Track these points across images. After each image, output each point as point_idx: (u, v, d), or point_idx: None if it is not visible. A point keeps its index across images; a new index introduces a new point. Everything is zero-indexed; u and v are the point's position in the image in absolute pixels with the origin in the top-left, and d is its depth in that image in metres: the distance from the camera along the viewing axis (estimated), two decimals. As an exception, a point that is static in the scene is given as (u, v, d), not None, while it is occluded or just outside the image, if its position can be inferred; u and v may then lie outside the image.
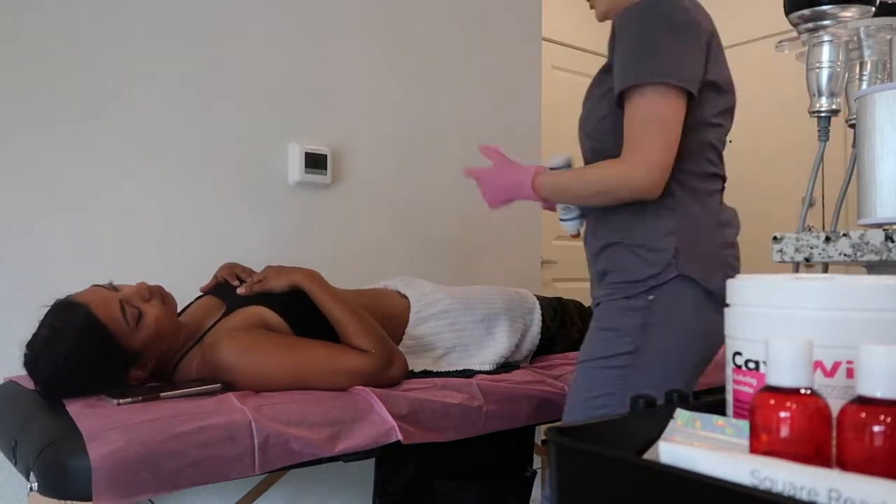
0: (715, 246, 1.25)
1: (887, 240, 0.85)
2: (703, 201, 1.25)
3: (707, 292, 1.21)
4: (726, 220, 1.29)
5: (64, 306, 1.26)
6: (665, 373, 1.20)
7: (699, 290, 1.20)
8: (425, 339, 1.56)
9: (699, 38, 1.19)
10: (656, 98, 1.15)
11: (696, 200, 1.24)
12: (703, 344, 1.22)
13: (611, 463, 0.49)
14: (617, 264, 1.26)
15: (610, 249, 1.28)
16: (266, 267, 1.50)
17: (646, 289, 1.22)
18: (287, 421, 1.14)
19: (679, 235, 1.21)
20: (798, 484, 0.42)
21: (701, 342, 1.22)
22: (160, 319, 1.31)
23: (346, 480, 2.05)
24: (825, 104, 1.34)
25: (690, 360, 1.22)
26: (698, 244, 1.23)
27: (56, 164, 1.72)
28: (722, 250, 1.25)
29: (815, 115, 1.35)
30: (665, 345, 1.21)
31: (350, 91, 2.21)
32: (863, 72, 1.37)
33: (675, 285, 1.21)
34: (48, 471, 0.99)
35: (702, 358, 1.24)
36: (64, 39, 1.74)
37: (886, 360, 0.45)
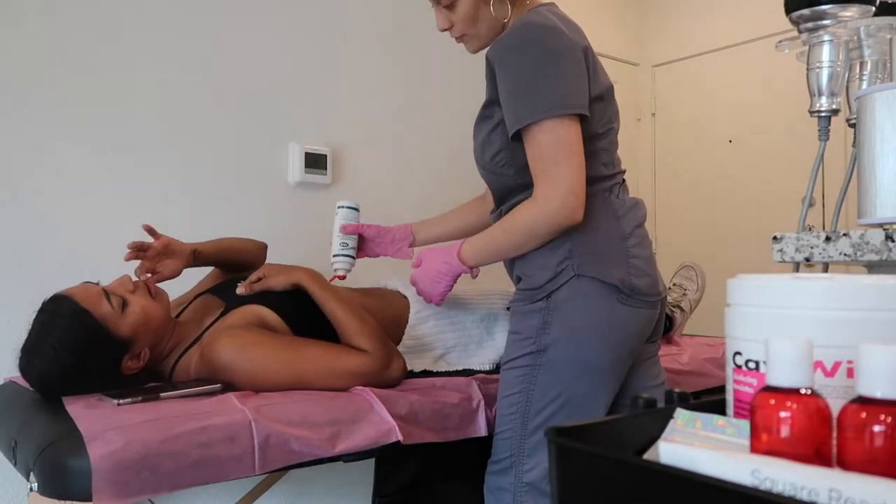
0: (611, 240, 1.26)
1: (887, 239, 0.85)
2: (595, 201, 1.25)
3: (610, 286, 1.22)
4: (623, 213, 1.29)
5: (49, 301, 1.28)
6: (573, 370, 1.23)
7: (600, 286, 1.23)
8: (425, 339, 1.56)
9: (577, 58, 1.21)
10: (553, 127, 1.17)
11: (589, 202, 1.23)
12: (611, 338, 1.24)
13: (611, 463, 0.49)
14: (523, 272, 1.30)
15: (518, 259, 1.32)
16: (265, 265, 1.50)
17: (545, 293, 1.25)
18: (287, 421, 1.14)
19: (571, 237, 1.24)
20: (798, 484, 0.42)
21: (608, 337, 1.23)
22: (147, 308, 1.32)
23: (346, 480, 2.05)
24: (825, 104, 1.34)
25: (599, 356, 1.24)
26: (593, 242, 1.24)
27: (56, 165, 1.72)
28: (620, 242, 1.26)
29: (815, 114, 1.35)
30: (566, 342, 1.23)
31: (350, 91, 2.21)
32: (863, 71, 1.36)
33: (573, 284, 1.23)
34: (48, 471, 0.99)
35: (615, 352, 1.25)
36: (64, 40, 1.74)
37: (886, 360, 0.45)
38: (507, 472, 1.27)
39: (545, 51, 1.18)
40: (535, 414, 1.25)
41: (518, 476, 1.26)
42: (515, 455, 1.26)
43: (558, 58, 1.18)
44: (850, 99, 1.39)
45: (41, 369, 1.23)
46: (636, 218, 1.31)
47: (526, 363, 1.26)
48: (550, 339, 1.24)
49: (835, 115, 1.35)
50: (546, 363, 1.24)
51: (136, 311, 1.30)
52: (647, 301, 1.26)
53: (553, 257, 1.25)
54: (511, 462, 1.27)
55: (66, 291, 1.29)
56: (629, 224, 1.29)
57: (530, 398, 1.26)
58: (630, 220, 1.29)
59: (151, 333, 1.33)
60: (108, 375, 1.28)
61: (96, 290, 1.29)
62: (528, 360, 1.26)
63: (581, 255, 1.23)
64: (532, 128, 1.18)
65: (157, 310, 1.34)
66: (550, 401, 1.24)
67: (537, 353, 1.25)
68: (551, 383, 1.24)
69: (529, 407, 1.26)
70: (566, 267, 1.24)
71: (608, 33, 3.55)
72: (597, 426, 0.57)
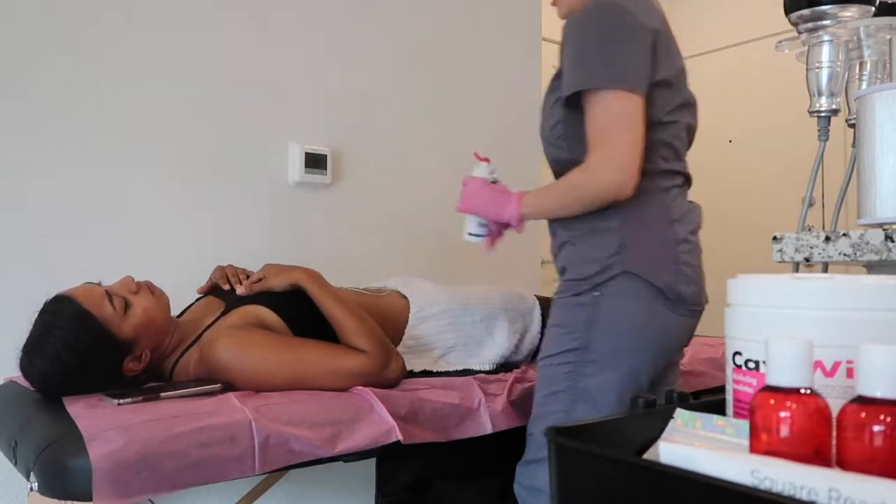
0: (663, 242, 1.23)
1: (887, 240, 0.85)
2: (651, 198, 1.24)
3: (656, 289, 1.20)
4: (679, 216, 1.27)
5: (52, 301, 1.28)
6: (615, 373, 1.20)
7: (647, 287, 1.20)
8: (425, 339, 1.56)
9: (643, 38, 1.19)
10: (611, 99, 1.16)
11: (645, 198, 1.22)
12: (654, 343, 1.22)
13: (611, 463, 0.49)
14: (569, 262, 1.28)
15: (564, 248, 1.30)
16: (265, 265, 1.50)
17: (591, 286, 1.23)
18: (287, 421, 1.14)
19: (623, 233, 1.22)
20: (798, 484, 0.42)
21: (652, 341, 1.22)
22: (149, 309, 1.31)
23: (346, 480, 2.05)
24: (825, 104, 1.34)
25: (642, 361, 1.22)
26: (644, 241, 1.22)
27: (56, 165, 1.72)
28: (672, 247, 1.24)
29: (814, 114, 1.36)
30: (611, 343, 1.21)
31: (350, 91, 2.21)
32: (863, 72, 1.37)
33: (620, 282, 1.21)
34: (48, 471, 0.99)
35: (656, 358, 1.23)
36: (65, 40, 1.74)
37: (886, 360, 0.45)
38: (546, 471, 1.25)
39: (609, 26, 1.17)
40: (580, 414, 1.22)
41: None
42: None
43: (621, 34, 1.17)
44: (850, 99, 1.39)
45: (42, 369, 1.23)
46: (691, 223, 1.29)
47: (570, 359, 1.23)
48: (596, 335, 1.22)
49: (834, 115, 1.35)
50: (590, 360, 1.22)
51: (139, 313, 1.30)
52: (691, 310, 1.25)
53: (603, 250, 1.23)
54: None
55: (68, 292, 1.29)
56: (683, 229, 1.26)
57: (576, 396, 1.23)
58: (684, 226, 1.27)
59: (153, 335, 1.33)
60: (110, 377, 1.28)
61: (99, 292, 1.29)
62: (572, 356, 1.23)
63: (631, 252, 1.21)
64: (589, 97, 1.17)
65: (159, 311, 1.34)
66: (594, 401, 1.22)
67: (583, 349, 1.22)
68: (596, 384, 1.21)
69: (575, 406, 1.23)
70: (615, 262, 1.21)
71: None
72: (597, 426, 0.57)
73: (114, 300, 1.28)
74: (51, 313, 1.26)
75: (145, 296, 1.33)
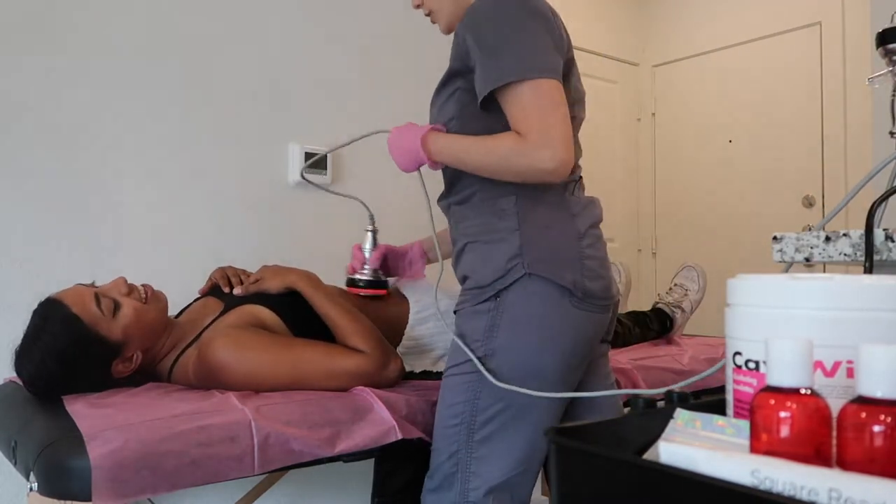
0: (565, 239, 1.19)
1: (887, 240, 0.85)
2: (548, 196, 1.20)
3: (562, 288, 1.15)
4: (578, 210, 1.22)
5: (42, 304, 1.29)
6: (521, 378, 1.14)
7: (552, 287, 1.15)
8: (425, 340, 1.56)
9: (551, 26, 1.16)
10: (536, 85, 1.10)
11: (540, 196, 1.19)
12: (562, 342, 1.16)
13: (611, 463, 0.49)
14: (469, 269, 1.23)
15: (464, 254, 1.25)
16: (262, 267, 1.50)
17: (493, 293, 1.17)
18: (287, 421, 1.14)
19: (522, 232, 1.17)
20: (798, 484, 0.42)
21: (559, 340, 1.16)
22: (139, 311, 1.31)
23: (346, 480, 2.05)
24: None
25: (550, 363, 1.16)
26: (546, 240, 1.17)
27: (57, 165, 1.72)
28: (574, 242, 1.19)
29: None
30: (515, 346, 1.15)
31: (350, 91, 2.21)
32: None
33: (523, 284, 1.16)
34: (48, 471, 0.99)
35: (567, 360, 1.18)
36: (65, 39, 1.74)
37: (886, 359, 0.45)
38: (449, 490, 1.18)
39: (525, 12, 1.13)
40: (481, 425, 1.17)
41: (463, 494, 1.17)
42: (460, 471, 1.17)
43: (537, 20, 1.14)
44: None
45: (30, 372, 1.25)
46: (591, 217, 1.24)
47: (471, 369, 1.17)
48: (498, 343, 1.16)
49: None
50: (493, 370, 1.15)
51: (128, 314, 1.30)
52: (600, 305, 1.20)
53: (502, 253, 1.17)
54: (455, 479, 1.18)
55: (58, 295, 1.29)
56: (584, 223, 1.21)
57: (476, 408, 1.18)
58: (585, 219, 1.22)
59: (143, 337, 1.33)
60: (98, 379, 1.29)
61: (88, 294, 1.29)
62: (473, 365, 1.16)
63: (532, 253, 1.16)
64: (515, 87, 1.11)
65: (149, 312, 1.33)
66: (498, 411, 1.17)
67: (485, 358, 1.16)
68: (498, 392, 1.15)
69: (475, 418, 1.17)
70: (516, 265, 1.16)
71: (608, 33, 3.55)
72: (597, 426, 0.57)
73: (102, 302, 1.27)
74: (40, 317, 1.27)
75: (137, 298, 1.33)
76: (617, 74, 3.61)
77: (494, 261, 1.18)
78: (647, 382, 1.62)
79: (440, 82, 1.29)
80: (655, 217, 3.67)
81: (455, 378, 1.21)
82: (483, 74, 1.14)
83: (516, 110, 1.12)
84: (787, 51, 3.14)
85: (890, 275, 0.60)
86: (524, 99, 1.11)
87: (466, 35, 1.17)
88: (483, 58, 1.14)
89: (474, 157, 1.16)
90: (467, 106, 1.21)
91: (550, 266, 1.16)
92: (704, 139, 3.49)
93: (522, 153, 1.10)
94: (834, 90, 3.01)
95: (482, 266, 1.20)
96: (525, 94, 1.10)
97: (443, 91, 1.27)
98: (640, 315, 1.99)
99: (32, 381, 1.26)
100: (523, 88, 1.10)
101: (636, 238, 3.67)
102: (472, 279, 1.22)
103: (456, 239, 1.29)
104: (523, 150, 1.09)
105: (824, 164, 3.04)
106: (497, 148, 1.13)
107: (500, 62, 1.12)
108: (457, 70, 1.22)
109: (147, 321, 1.33)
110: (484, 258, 1.20)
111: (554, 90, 1.11)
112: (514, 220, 1.18)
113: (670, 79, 3.66)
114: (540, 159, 1.08)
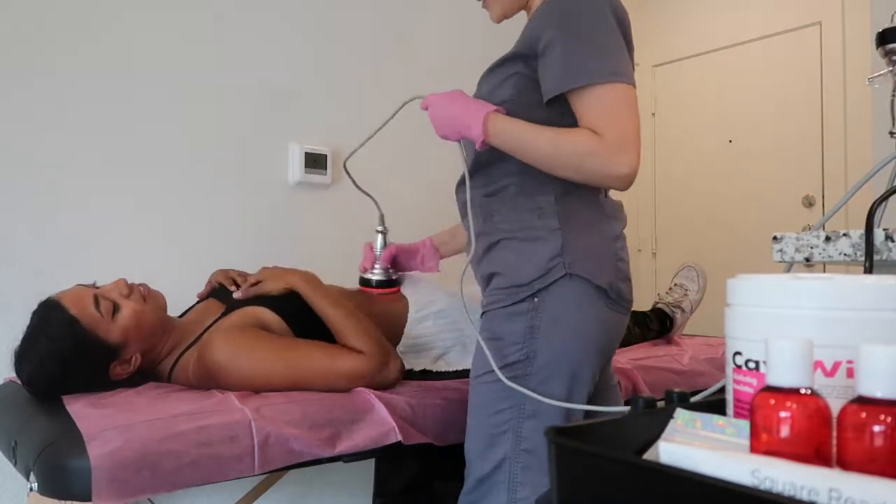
0: (602, 240, 1.19)
1: (887, 240, 0.85)
2: (586, 195, 1.19)
3: (598, 289, 1.15)
4: (612, 212, 1.23)
5: (42, 305, 1.29)
6: (565, 378, 1.14)
7: (589, 288, 1.15)
8: (424, 339, 1.56)
9: (629, 30, 1.16)
10: (622, 91, 1.10)
11: (580, 195, 1.18)
12: (598, 344, 1.17)
13: (611, 463, 0.49)
14: (503, 267, 1.20)
15: (494, 252, 1.22)
16: (261, 269, 1.50)
17: (531, 292, 1.15)
18: (287, 421, 1.14)
19: (563, 231, 1.16)
20: (798, 484, 0.42)
21: (596, 343, 1.16)
22: (139, 313, 1.31)
23: (346, 480, 2.05)
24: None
25: (587, 364, 1.16)
26: (585, 240, 1.17)
27: (57, 165, 1.72)
28: (610, 244, 1.20)
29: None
30: (556, 350, 1.14)
31: (350, 91, 2.21)
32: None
33: (563, 285, 1.15)
34: (48, 471, 0.99)
35: (600, 359, 1.19)
36: (66, 39, 1.74)
37: (886, 360, 0.45)
38: (496, 501, 1.14)
39: (613, 14, 1.12)
40: (528, 432, 1.14)
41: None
42: (508, 480, 1.14)
43: (620, 23, 1.13)
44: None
45: (28, 372, 1.26)
46: (622, 220, 1.26)
47: (514, 373, 1.14)
48: (539, 345, 1.14)
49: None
50: (535, 373, 1.14)
51: (127, 316, 1.29)
52: (627, 307, 1.22)
53: (543, 252, 1.16)
54: (502, 489, 1.14)
55: (57, 296, 1.29)
56: (618, 225, 1.23)
57: (523, 413, 1.15)
58: (619, 222, 1.24)
59: (142, 338, 1.33)
60: (96, 380, 1.29)
61: (87, 295, 1.29)
62: (515, 369, 1.15)
63: (574, 253, 1.15)
64: (596, 88, 1.09)
65: (149, 314, 1.33)
66: (544, 417, 1.14)
67: (525, 361, 1.15)
68: (545, 394, 1.12)
69: (522, 424, 1.15)
70: (557, 264, 1.14)
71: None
72: (597, 426, 0.57)
73: (101, 304, 1.27)
74: (39, 318, 1.27)
75: (137, 299, 1.33)
76: (617, 74, 3.60)
77: (535, 260, 1.16)
78: (647, 382, 1.62)
79: (497, 62, 1.24)
80: (655, 217, 3.67)
81: (494, 385, 1.15)
82: (564, 69, 1.10)
83: (598, 110, 1.09)
84: (787, 51, 3.14)
85: (890, 275, 0.60)
86: (607, 101, 1.09)
87: (547, 26, 1.13)
88: (565, 53, 1.10)
89: (538, 147, 1.11)
90: (524, 93, 1.17)
91: (589, 267, 1.15)
92: (704, 139, 3.48)
93: (598, 154, 1.07)
94: (834, 90, 3.01)
95: (521, 264, 1.17)
96: (609, 96, 1.09)
97: (499, 71, 1.23)
98: (640, 315, 1.99)
99: (31, 383, 1.26)
100: (607, 90, 1.09)
101: (636, 238, 3.66)
102: (507, 277, 1.19)
103: (483, 233, 1.23)
104: (600, 150, 1.07)
105: (824, 164, 3.04)
106: (569, 143, 1.09)
107: (586, 61, 1.10)
108: (522, 54, 1.17)
109: (146, 323, 1.32)
110: (523, 256, 1.17)
111: (633, 98, 1.11)
112: (554, 218, 1.17)
113: (670, 79, 3.66)
114: (616, 163, 1.07)
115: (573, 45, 1.10)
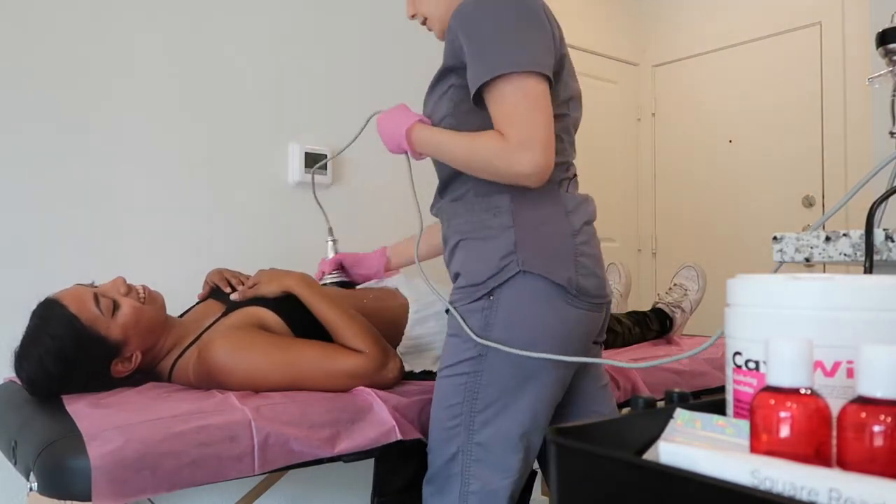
0: (560, 236, 1.18)
1: (887, 240, 0.85)
2: (545, 192, 1.18)
3: (556, 286, 1.14)
4: (573, 207, 1.21)
5: (42, 305, 1.29)
6: (516, 377, 1.15)
7: (546, 285, 1.14)
8: (425, 339, 1.56)
9: (545, 24, 1.15)
10: (528, 82, 1.09)
11: (538, 192, 1.17)
12: (556, 343, 1.15)
13: (611, 463, 0.49)
14: (462, 267, 1.21)
15: (456, 252, 1.24)
16: (259, 271, 1.50)
17: (487, 290, 1.16)
18: (287, 421, 1.14)
19: (516, 229, 1.16)
20: (798, 484, 0.42)
21: (553, 342, 1.15)
22: (138, 310, 1.31)
23: (346, 480, 2.05)
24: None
25: (543, 362, 1.15)
26: (540, 237, 1.16)
27: (57, 165, 1.72)
28: (569, 239, 1.18)
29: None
30: (510, 344, 1.14)
31: (350, 91, 2.21)
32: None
33: (517, 282, 1.15)
34: (48, 471, 0.99)
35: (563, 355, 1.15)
36: (66, 39, 1.74)
37: (886, 360, 0.45)
38: (450, 492, 1.18)
39: (514, 8, 1.12)
40: (480, 426, 1.17)
41: (463, 497, 1.17)
42: (461, 472, 1.17)
43: (529, 15, 1.13)
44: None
45: (28, 372, 1.25)
46: (586, 214, 1.23)
47: (466, 369, 1.17)
48: (494, 340, 1.15)
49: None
50: (487, 369, 1.16)
51: (127, 313, 1.30)
52: (593, 303, 1.19)
53: (496, 250, 1.16)
54: (455, 482, 1.17)
55: (57, 295, 1.29)
56: (578, 220, 1.20)
57: (473, 408, 1.17)
58: (579, 216, 1.21)
59: (142, 336, 1.33)
60: (97, 379, 1.29)
61: (87, 294, 1.29)
62: (468, 365, 1.17)
63: (527, 250, 1.15)
64: (500, 83, 1.09)
65: (148, 312, 1.33)
66: (495, 414, 1.16)
67: (478, 357, 1.16)
68: (498, 390, 1.16)
69: (473, 418, 1.17)
70: (510, 262, 1.15)
71: (608, 33, 3.56)
72: (597, 426, 0.57)
73: (101, 302, 1.28)
74: (39, 317, 1.27)
75: (136, 297, 1.33)
76: (617, 74, 3.61)
77: (488, 258, 1.17)
78: (646, 382, 1.62)
79: (433, 79, 1.28)
80: (655, 217, 3.67)
81: (451, 379, 1.20)
82: (472, 70, 1.13)
83: (499, 109, 1.11)
84: (787, 51, 3.14)
85: (890, 275, 0.60)
86: (507, 98, 1.09)
87: (458, 31, 1.16)
88: (472, 54, 1.13)
89: (456, 153, 1.17)
90: (461, 103, 1.20)
91: (545, 263, 1.15)
92: (704, 139, 3.49)
93: (501, 156, 1.09)
94: (834, 90, 3.01)
95: (475, 263, 1.19)
96: (509, 93, 1.09)
97: (436, 88, 1.26)
98: (639, 315, 1.99)
99: (32, 382, 1.26)
100: (508, 87, 1.09)
101: (636, 238, 3.67)
102: (465, 277, 1.21)
103: (448, 236, 1.28)
104: (503, 152, 1.09)
105: (824, 164, 3.04)
106: (478, 147, 1.12)
107: (487, 58, 1.11)
108: (450, 66, 1.21)
109: (146, 321, 1.33)
110: (477, 255, 1.19)
111: (539, 91, 1.10)
112: (508, 217, 1.17)
113: (670, 79, 3.66)
114: (518, 162, 1.08)
115: (476, 45, 1.13)
